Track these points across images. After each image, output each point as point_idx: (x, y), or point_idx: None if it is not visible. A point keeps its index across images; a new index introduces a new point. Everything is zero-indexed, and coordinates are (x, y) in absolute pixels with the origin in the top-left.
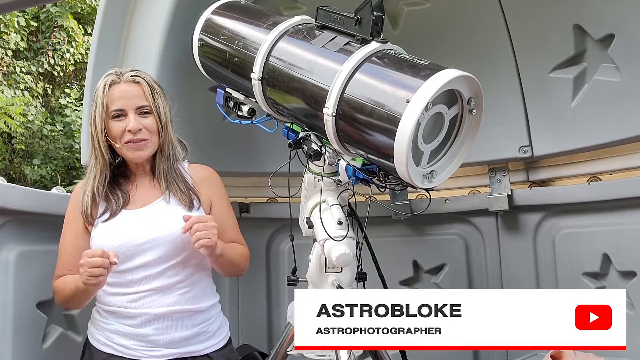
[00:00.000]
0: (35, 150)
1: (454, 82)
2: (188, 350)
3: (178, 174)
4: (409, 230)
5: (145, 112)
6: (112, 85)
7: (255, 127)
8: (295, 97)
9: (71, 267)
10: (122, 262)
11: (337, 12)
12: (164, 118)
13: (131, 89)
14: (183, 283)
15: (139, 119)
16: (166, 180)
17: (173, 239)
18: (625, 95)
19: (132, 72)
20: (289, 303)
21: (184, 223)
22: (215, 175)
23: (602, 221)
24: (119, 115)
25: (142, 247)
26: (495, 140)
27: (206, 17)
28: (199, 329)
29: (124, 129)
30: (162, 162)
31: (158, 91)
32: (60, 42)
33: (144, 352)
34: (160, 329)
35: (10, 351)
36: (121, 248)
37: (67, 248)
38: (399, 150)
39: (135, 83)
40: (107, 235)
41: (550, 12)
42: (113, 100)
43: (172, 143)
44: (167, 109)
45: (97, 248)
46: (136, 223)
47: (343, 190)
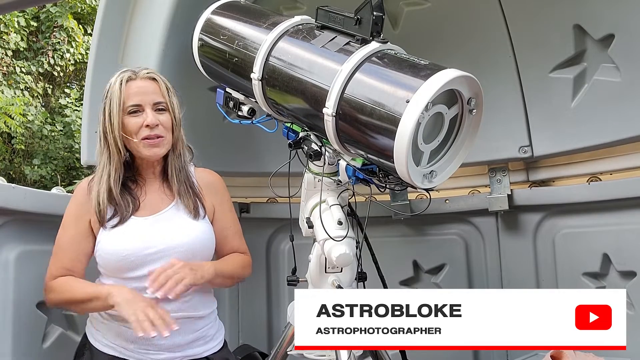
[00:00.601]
0: (35, 150)
1: (454, 82)
2: (188, 353)
3: (188, 175)
4: (409, 230)
5: (161, 109)
6: (129, 81)
7: (255, 127)
8: (295, 97)
9: (70, 267)
10: (130, 270)
11: (337, 12)
12: (178, 116)
13: (148, 85)
14: (187, 291)
15: (156, 115)
16: (178, 179)
17: (184, 249)
18: (625, 95)
19: (147, 70)
20: (289, 303)
21: (195, 233)
22: (220, 181)
23: (602, 221)
24: (136, 111)
25: (152, 256)
26: (495, 140)
27: (206, 17)
28: (199, 334)
29: (141, 125)
30: (175, 160)
31: (172, 91)
32: (60, 42)
33: (146, 354)
34: None
35: (10, 351)
36: (130, 257)
37: (66, 246)
38: (399, 150)
39: (152, 80)
40: (117, 242)
41: (550, 12)
42: (130, 95)
43: (183, 143)
44: (180, 109)
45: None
46: (147, 232)
47: (343, 190)
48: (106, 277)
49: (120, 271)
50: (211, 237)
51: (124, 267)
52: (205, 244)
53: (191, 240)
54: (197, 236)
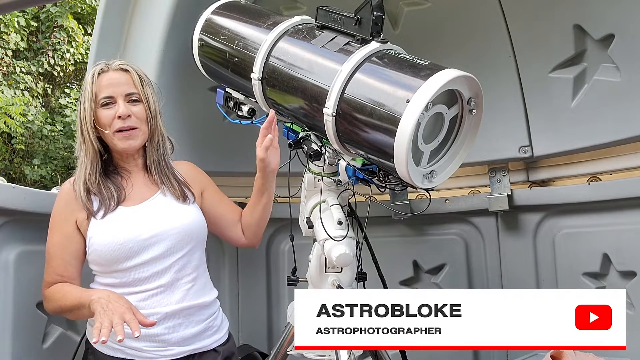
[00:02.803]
0: (35, 150)
1: (454, 82)
2: (197, 346)
3: (169, 167)
4: (409, 230)
5: (134, 100)
6: (101, 74)
7: (255, 127)
8: (295, 97)
9: (62, 272)
10: (128, 259)
11: (337, 12)
12: (153, 107)
13: (120, 77)
14: (188, 277)
15: (128, 106)
16: (158, 171)
17: (179, 231)
18: (625, 95)
19: (120, 61)
20: (289, 303)
21: (187, 215)
22: (195, 167)
23: (602, 221)
24: (108, 103)
25: (148, 241)
26: (495, 140)
27: (206, 17)
28: (206, 325)
29: (113, 116)
30: (153, 152)
31: (147, 81)
32: (60, 42)
33: (156, 352)
34: (171, 327)
35: (10, 351)
36: (127, 244)
37: (56, 251)
38: (399, 150)
39: (124, 71)
40: (109, 232)
41: (550, 12)
42: (102, 88)
43: (161, 135)
44: (155, 99)
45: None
46: (139, 218)
47: (343, 190)
48: (102, 276)
49: (117, 262)
50: (202, 220)
51: (121, 256)
52: (199, 224)
53: (185, 222)
54: (190, 218)
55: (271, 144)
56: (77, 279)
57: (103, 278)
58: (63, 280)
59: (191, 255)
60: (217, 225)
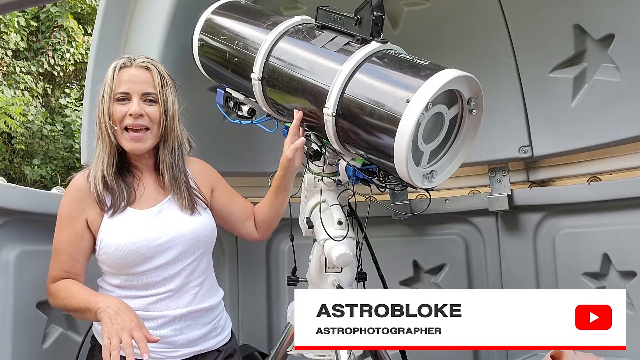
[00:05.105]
0: (35, 150)
1: (454, 82)
2: (202, 347)
3: (183, 171)
4: (409, 230)
5: (150, 100)
6: (123, 69)
7: (255, 127)
8: (295, 97)
9: (69, 269)
10: (140, 264)
11: (337, 12)
12: (170, 109)
13: (140, 74)
14: (197, 281)
15: (142, 105)
16: (170, 175)
17: (191, 237)
18: (625, 95)
19: (144, 58)
20: (289, 303)
21: (198, 220)
22: (206, 164)
23: (602, 221)
24: (124, 99)
25: (161, 247)
26: (495, 140)
27: (206, 17)
28: (211, 326)
29: (125, 113)
30: (166, 155)
31: (168, 82)
32: (60, 42)
33: (163, 353)
34: (178, 329)
35: (10, 351)
36: (141, 249)
37: (65, 248)
38: (399, 150)
39: (145, 69)
40: (121, 237)
41: (550, 13)
42: (120, 82)
43: (178, 137)
44: (175, 101)
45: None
46: (152, 223)
47: (343, 190)
48: (112, 276)
49: (129, 266)
50: (212, 225)
51: (133, 261)
52: (209, 229)
53: (196, 227)
54: (201, 223)
55: (302, 145)
56: (82, 275)
57: (112, 278)
58: (69, 276)
59: (201, 260)
60: (227, 221)
